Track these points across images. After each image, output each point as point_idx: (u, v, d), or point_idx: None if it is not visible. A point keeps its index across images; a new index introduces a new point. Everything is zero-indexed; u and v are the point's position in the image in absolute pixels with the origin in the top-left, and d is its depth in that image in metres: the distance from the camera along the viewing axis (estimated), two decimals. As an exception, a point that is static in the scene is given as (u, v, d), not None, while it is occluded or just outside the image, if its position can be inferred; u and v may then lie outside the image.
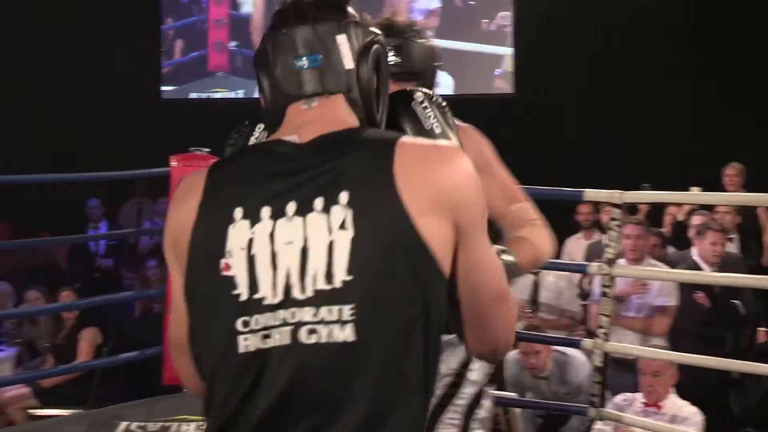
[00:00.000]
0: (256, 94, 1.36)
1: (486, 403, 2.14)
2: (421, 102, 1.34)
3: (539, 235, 1.97)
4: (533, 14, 8.20)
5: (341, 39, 1.28)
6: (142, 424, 3.80)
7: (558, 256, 2.15)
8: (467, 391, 2.09)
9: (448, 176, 1.19)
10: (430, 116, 1.34)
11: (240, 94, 9.29)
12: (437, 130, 1.33)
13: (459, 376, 2.08)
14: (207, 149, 4.07)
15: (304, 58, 1.28)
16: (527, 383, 4.36)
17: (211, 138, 3.92)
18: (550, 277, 4.86)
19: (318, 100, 1.28)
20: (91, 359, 5.15)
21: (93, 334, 5.26)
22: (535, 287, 4.86)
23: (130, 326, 5.91)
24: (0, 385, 4.76)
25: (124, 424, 3.78)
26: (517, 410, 3.97)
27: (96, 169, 4.87)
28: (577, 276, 5.09)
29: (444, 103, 1.41)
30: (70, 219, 7.59)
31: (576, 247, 5.83)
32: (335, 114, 1.28)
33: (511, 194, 2.01)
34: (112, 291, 6.24)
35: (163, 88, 9.41)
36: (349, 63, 1.28)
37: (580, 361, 4.31)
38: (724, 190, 5.84)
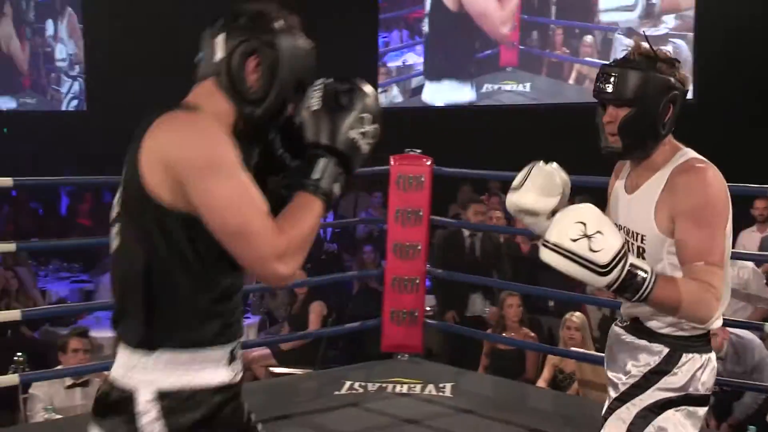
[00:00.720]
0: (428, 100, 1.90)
1: (673, 415, 2.04)
2: (314, 87, 1.60)
3: (694, 294, 1.90)
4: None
5: (218, 38, 1.60)
6: (363, 383, 4.17)
7: (732, 248, 2.12)
8: (651, 395, 2.06)
9: (164, 140, 1.52)
10: (312, 97, 1.59)
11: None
12: (314, 108, 1.58)
13: (645, 379, 2.07)
14: (419, 150, 4.52)
15: (200, 53, 1.64)
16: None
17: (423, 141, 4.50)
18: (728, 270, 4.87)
19: (197, 83, 1.64)
20: (319, 328, 5.70)
21: (320, 306, 5.87)
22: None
23: (349, 301, 6.43)
24: (247, 347, 5.06)
25: (348, 383, 4.16)
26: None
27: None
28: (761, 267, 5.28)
29: (346, 92, 1.59)
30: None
31: (750, 239, 5.93)
32: (193, 95, 1.63)
33: (701, 253, 1.93)
34: (335, 271, 6.86)
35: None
36: (219, 55, 1.59)
37: (755, 342, 4.44)
38: None
